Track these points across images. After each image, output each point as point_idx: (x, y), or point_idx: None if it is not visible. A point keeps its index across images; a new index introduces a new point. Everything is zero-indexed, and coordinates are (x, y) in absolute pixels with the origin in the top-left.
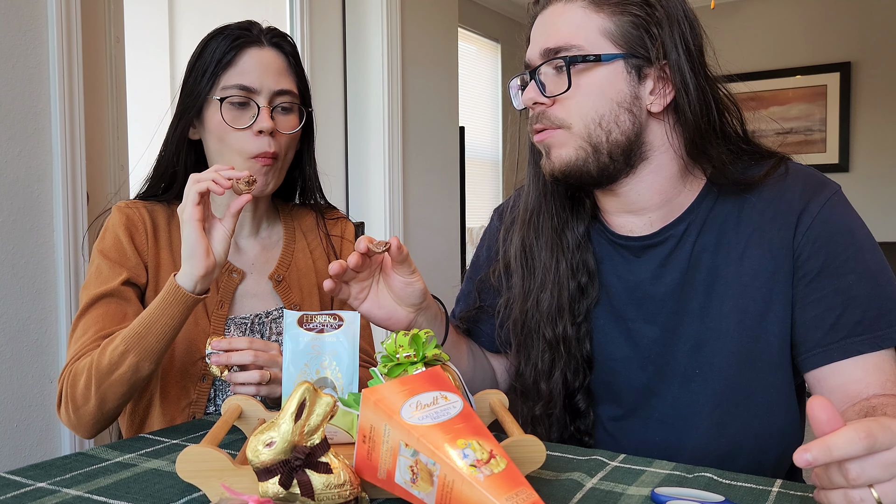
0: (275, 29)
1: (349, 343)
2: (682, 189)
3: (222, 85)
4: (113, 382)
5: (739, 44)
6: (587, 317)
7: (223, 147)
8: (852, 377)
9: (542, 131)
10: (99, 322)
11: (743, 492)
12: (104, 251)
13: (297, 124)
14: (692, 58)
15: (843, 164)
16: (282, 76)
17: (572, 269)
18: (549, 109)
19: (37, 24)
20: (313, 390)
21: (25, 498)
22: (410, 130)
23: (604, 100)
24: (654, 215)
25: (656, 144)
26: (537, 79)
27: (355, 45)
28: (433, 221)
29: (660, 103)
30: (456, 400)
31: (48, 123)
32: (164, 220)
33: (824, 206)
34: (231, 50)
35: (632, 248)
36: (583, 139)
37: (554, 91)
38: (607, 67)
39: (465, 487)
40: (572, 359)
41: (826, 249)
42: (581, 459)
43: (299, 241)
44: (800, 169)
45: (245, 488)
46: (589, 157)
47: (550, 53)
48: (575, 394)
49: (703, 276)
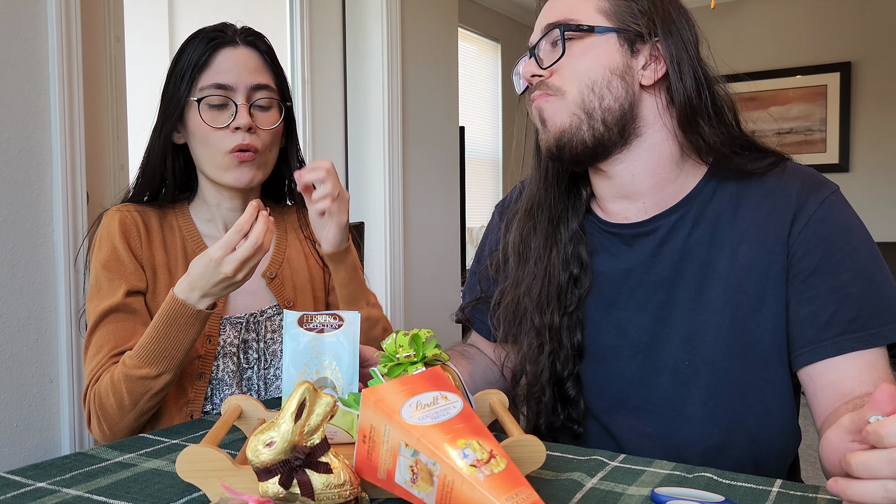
0: (249, 28)
1: (349, 343)
2: (678, 174)
3: (200, 86)
4: (148, 399)
5: (739, 44)
6: (579, 306)
7: (206, 148)
8: (845, 374)
9: (539, 97)
10: (111, 340)
11: (743, 492)
12: (103, 263)
13: (276, 119)
14: (684, 41)
15: (843, 164)
16: (258, 72)
17: (565, 261)
18: (546, 80)
19: (37, 24)
20: (313, 390)
21: (25, 498)
22: (410, 130)
23: (596, 65)
24: (649, 201)
25: (650, 121)
26: (536, 54)
27: (355, 45)
28: (433, 221)
29: (651, 77)
30: (456, 400)
31: (48, 123)
32: (156, 222)
33: (821, 204)
34: (206, 51)
35: (624, 235)
36: (576, 105)
37: (549, 62)
38: (600, 37)
39: (465, 487)
40: (561, 348)
41: (822, 247)
42: (581, 459)
43: (291, 239)
44: (798, 168)
45: (245, 488)
46: (583, 123)
47: (549, 28)
48: (564, 381)
49: (695, 268)
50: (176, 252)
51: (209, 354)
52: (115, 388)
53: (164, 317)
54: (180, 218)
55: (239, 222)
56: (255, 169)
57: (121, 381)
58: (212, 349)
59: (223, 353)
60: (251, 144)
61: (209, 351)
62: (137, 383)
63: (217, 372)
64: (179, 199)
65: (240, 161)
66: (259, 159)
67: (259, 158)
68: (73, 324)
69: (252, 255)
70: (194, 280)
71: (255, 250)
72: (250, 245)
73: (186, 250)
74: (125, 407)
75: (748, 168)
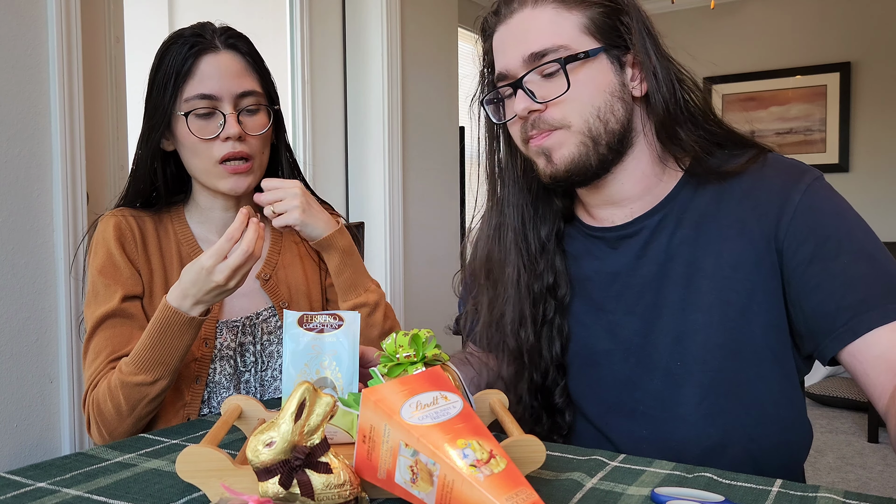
0: (229, 29)
1: (349, 343)
2: (660, 177)
3: (185, 97)
4: (146, 405)
5: (739, 44)
6: (561, 312)
7: (197, 158)
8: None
9: (540, 136)
10: (109, 345)
11: (743, 492)
12: (98, 268)
13: (265, 123)
14: (654, 42)
15: (843, 164)
16: (242, 78)
17: (539, 272)
18: (543, 114)
19: (37, 24)
20: (313, 390)
21: (25, 498)
22: (410, 130)
23: (598, 93)
24: (635, 206)
25: (638, 130)
26: (524, 87)
27: (355, 46)
28: (433, 221)
29: (640, 88)
30: (456, 400)
31: (48, 123)
32: (151, 226)
33: (805, 192)
34: (188, 58)
35: (608, 239)
36: (583, 134)
37: (547, 95)
38: (595, 62)
39: (465, 487)
40: (541, 359)
41: (814, 235)
42: (581, 459)
43: (286, 240)
44: (780, 159)
45: (245, 488)
46: (590, 150)
47: (536, 58)
48: (551, 392)
49: (682, 268)
50: (171, 256)
51: (206, 358)
52: (112, 394)
53: (158, 324)
54: (175, 221)
55: (229, 231)
56: (249, 176)
57: (118, 388)
58: (208, 352)
59: (220, 357)
60: (242, 152)
61: (206, 354)
62: (134, 390)
63: (214, 375)
64: (174, 201)
65: (233, 172)
66: (252, 165)
67: (252, 164)
68: (73, 324)
69: (243, 262)
70: (186, 287)
71: (245, 258)
72: (241, 253)
73: (181, 254)
74: (123, 413)
75: (725, 169)
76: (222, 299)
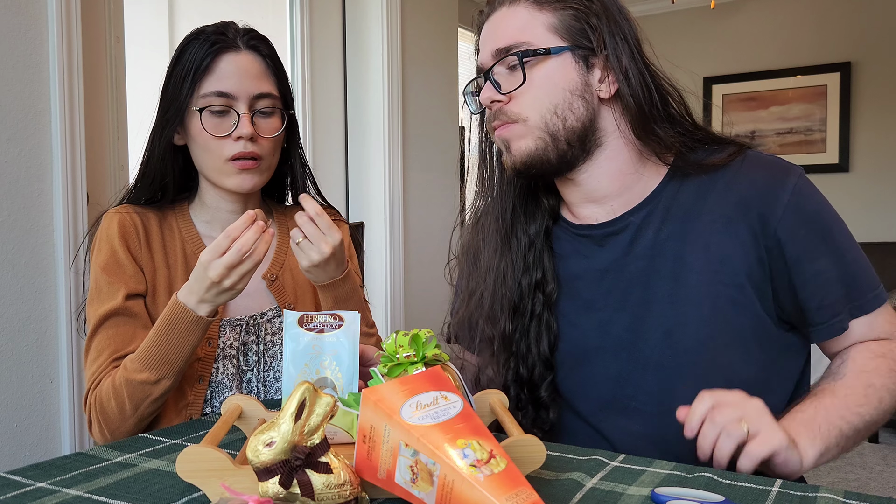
0: (252, 31)
1: (349, 343)
2: (641, 175)
3: (201, 92)
4: (149, 404)
5: (739, 44)
6: (548, 310)
7: (207, 154)
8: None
9: (501, 127)
10: (111, 344)
11: (743, 492)
12: (102, 266)
13: (278, 127)
14: (630, 46)
15: (843, 164)
16: (260, 80)
17: (524, 267)
18: (505, 106)
19: (37, 24)
20: (313, 390)
21: (25, 498)
22: (410, 130)
23: (556, 90)
24: (616, 203)
25: (609, 130)
26: (492, 79)
27: (355, 45)
28: (433, 221)
29: (607, 90)
30: (456, 400)
31: (48, 123)
32: (155, 223)
33: (792, 192)
34: (208, 55)
35: (594, 236)
36: (540, 129)
37: (508, 87)
38: (557, 59)
39: (465, 487)
40: (529, 354)
41: (797, 237)
42: (581, 459)
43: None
44: (760, 156)
45: (245, 488)
46: (548, 145)
47: (501, 53)
48: (537, 387)
49: (670, 263)
50: (175, 254)
51: (209, 357)
52: (116, 392)
53: (166, 321)
54: (180, 219)
55: (229, 228)
56: (257, 175)
57: (122, 386)
58: (211, 352)
59: (223, 356)
60: (253, 152)
61: (209, 353)
62: (137, 388)
63: (216, 374)
64: (179, 199)
65: (241, 168)
66: (261, 165)
67: (261, 164)
68: (73, 324)
69: (237, 262)
70: (191, 284)
71: (240, 257)
72: (234, 251)
73: (186, 252)
74: (126, 412)
75: (709, 161)
76: (226, 300)
